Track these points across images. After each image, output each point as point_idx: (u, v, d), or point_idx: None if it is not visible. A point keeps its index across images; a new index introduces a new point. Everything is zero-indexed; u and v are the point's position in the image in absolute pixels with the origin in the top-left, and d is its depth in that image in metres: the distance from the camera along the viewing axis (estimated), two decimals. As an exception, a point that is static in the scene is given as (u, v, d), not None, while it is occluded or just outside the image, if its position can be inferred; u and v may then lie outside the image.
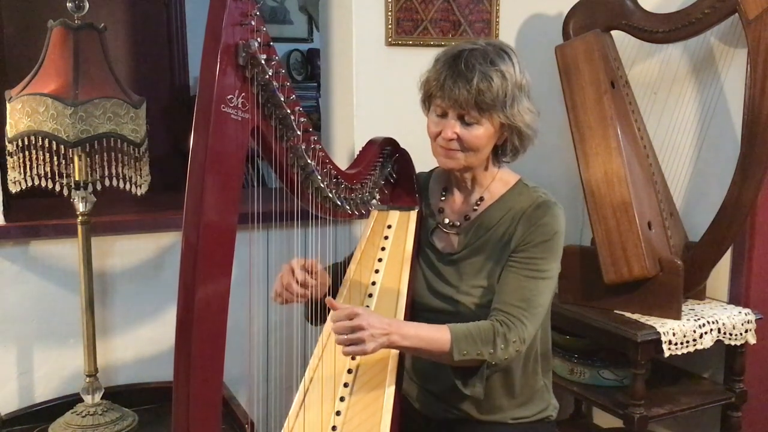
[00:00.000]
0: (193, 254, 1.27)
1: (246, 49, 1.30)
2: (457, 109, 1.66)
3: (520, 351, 1.64)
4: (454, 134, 1.67)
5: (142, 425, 1.98)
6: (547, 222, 1.68)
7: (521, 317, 1.63)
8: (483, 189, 1.79)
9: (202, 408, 1.33)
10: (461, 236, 1.78)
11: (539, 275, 1.67)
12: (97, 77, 1.84)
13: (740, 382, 2.31)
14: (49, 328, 2.12)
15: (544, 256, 1.67)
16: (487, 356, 1.59)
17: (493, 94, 1.62)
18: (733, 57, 2.32)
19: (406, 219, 1.84)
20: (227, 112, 1.28)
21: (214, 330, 1.31)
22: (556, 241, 1.69)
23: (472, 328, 1.61)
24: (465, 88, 1.62)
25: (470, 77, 1.62)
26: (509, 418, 1.78)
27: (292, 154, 1.52)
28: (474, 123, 1.66)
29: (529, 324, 1.64)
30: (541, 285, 1.67)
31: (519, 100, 1.66)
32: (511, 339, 1.60)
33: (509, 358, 1.62)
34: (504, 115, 1.65)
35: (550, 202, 1.71)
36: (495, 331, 1.60)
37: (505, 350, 1.60)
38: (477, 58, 1.64)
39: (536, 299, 1.66)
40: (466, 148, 1.68)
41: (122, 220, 2.19)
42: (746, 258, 2.38)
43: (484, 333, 1.60)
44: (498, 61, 1.65)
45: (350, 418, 1.57)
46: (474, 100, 1.62)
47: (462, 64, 1.63)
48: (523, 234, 1.68)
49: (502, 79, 1.63)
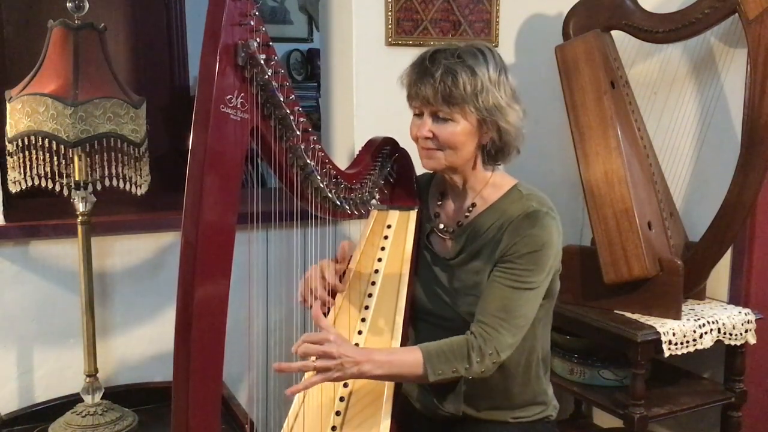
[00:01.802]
0: (192, 254, 1.27)
1: (245, 49, 1.30)
2: (428, 107, 1.65)
3: (497, 363, 1.60)
4: (429, 132, 1.66)
5: (142, 425, 1.98)
6: (534, 233, 1.63)
7: (498, 327, 1.60)
8: (475, 194, 1.75)
9: (202, 408, 1.33)
10: (454, 242, 1.77)
11: (523, 286, 1.62)
12: (97, 77, 1.84)
13: (740, 382, 2.31)
14: (49, 328, 2.12)
15: (530, 267, 1.62)
16: (462, 372, 1.57)
17: (460, 87, 1.60)
18: (733, 57, 2.32)
19: (405, 219, 1.84)
20: (226, 113, 1.28)
21: (213, 330, 1.31)
22: (544, 253, 1.63)
23: (445, 345, 1.58)
24: (429, 83, 1.61)
25: (434, 72, 1.61)
26: (509, 417, 1.77)
27: (291, 154, 1.51)
28: (448, 119, 1.64)
29: (507, 334, 1.60)
30: (524, 296, 1.62)
31: (494, 96, 1.63)
32: (487, 351, 1.58)
33: (486, 370, 1.59)
34: (475, 108, 1.62)
35: (540, 212, 1.65)
36: (469, 346, 1.58)
37: (481, 363, 1.57)
38: (445, 55, 1.63)
39: (517, 310, 1.62)
40: (444, 146, 1.66)
41: (122, 220, 2.19)
42: (746, 258, 2.38)
43: (457, 349, 1.58)
44: (467, 58, 1.63)
45: (350, 419, 1.57)
46: (440, 95, 1.61)
47: (428, 61, 1.63)
48: (508, 244, 1.64)
49: (471, 74, 1.61)
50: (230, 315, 1.34)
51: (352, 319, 1.72)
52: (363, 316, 1.72)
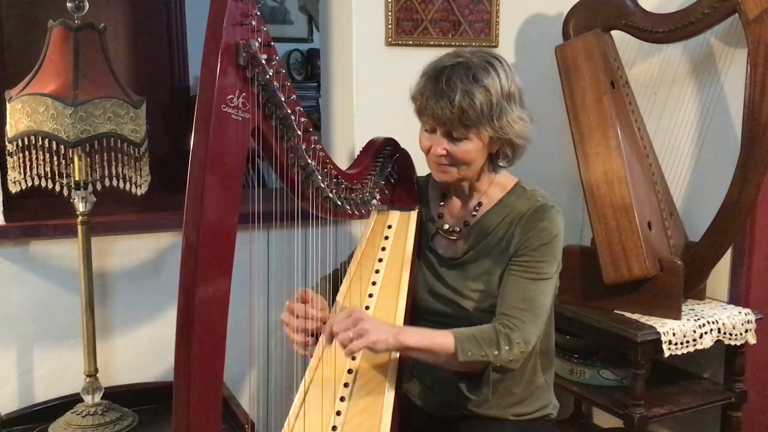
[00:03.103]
0: (193, 254, 1.27)
1: (246, 49, 1.29)
2: (442, 127, 1.66)
3: (525, 352, 1.63)
4: (444, 150, 1.68)
5: (142, 425, 1.98)
6: (545, 227, 1.69)
7: (523, 318, 1.64)
8: (480, 194, 1.80)
9: (203, 408, 1.32)
10: (462, 241, 1.79)
11: (540, 277, 1.68)
12: (97, 77, 1.84)
13: (740, 382, 2.31)
14: (49, 328, 2.12)
15: (544, 259, 1.68)
16: (492, 358, 1.59)
17: (477, 110, 1.61)
18: (733, 57, 2.32)
19: (406, 219, 1.84)
20: (228, 112, 1.28)
21: (214, 330, 1.31)
22: (555, 244, 1.70)
23: (475, 331, 1.61)
24: (447, 108, 1.62)
25: (452, 96, 1.61)
26: (510, 414, 1.78)
27: (292, 154, 1.51)
28: (462, 138, 1.66)
29: (532, 325, 1.64)
30: (542, 286, 1.68)
31: (507, 111, 1.65)
32: (515, 340, 1.61)
33: (514, 359, 1.61)
34: (491, 128, 1.65)
35: (547, 206, 1.72)
36: (498, 333, 1.61)
37: (510, 351, 1.60)
38: (459, 74, 1.62)
39: (538, 300, 1.67)
40: (458, 162, 1.69)
41: (122, 220, 2.19)
42: (746, 258, 2.38)
43: (486, 335, 1.60)
44: (481, 76, 1.63)
45: (350, 418, 1.57)
46: (458, 119, 1.62)
47: (443, 83, 1.62)
48: (522, 239, 1.69)
49: (486, 93, 1.62)
50: (231, 315, 1.34)
51: (352, 319, 1.71)
52: (363, 316, 1.72)
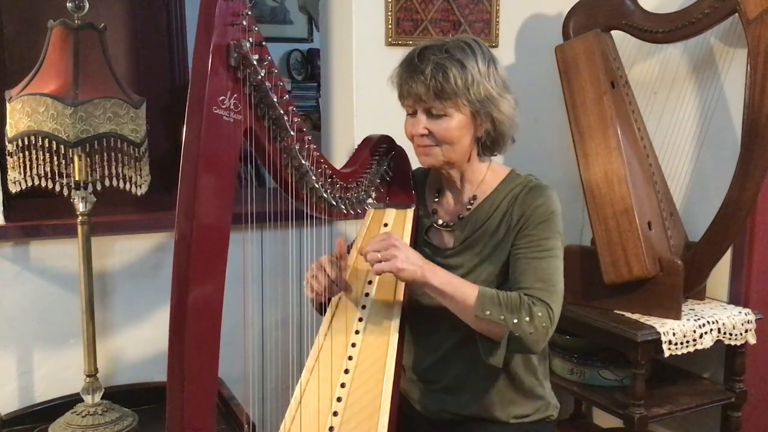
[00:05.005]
0: (186, 255, 1.27)
1: (238, 49, 1.28)
2: (421, 104, 1.66)
3: (547, 328, 1.59)
4: (425, 129, 1.67)
5: (142, 425, 1.98)
6: (542, 203, 1.68)
7: (542, 297, 1.60)
8: (474, 187, 1.77)
9: (197, 407, 1.32)
10: (456, 233, 1.78)
11: (548, 254, 1.66)
12: (97, 77, 1.84)
13: (740, 382, 2.31)
14: (49, 328, 2.12)
15: (547, 235, 1.67)
16: (510, 325, 1.56)
17: (451, 81, 1.61)
18: (733, 57, 2.31)
19: (402, 217, 1.83)
20: (219, 114, 1.26)
21: (208, 330, 1.31)
22: (554, 220, 1.68)
23: (500, 293, 1.59)
24: (420, 80, 1.62)
25: (424, 69, 1.61)
26: (510, 417, 1.77)
27: (286, 154, 1.50)
28: (442, 115, 1.65)
29: (553, 304, 1.61)
30: (552, 263, 1.65)
31: (485, 87, 1.64)
32: (537, 313, 1.57)
33: (534, 332, 1.56)
34: (468, 101, 1.63)
35: (541, 185, 1.72)
36: (521, 302, 1.58)
37: (530, 323, 1.56)
38: (433, 51, 1.64)
39: (553, 277, 1.64)
40: (440, 141, 1.68)
41: (122, 220, 2.20)
42: (746, 258, 2.38)
43: (511, 300, 1.58)
44: (455, 52, 1.63)
45: (348, 419, 1.57)
46: (432, 91, 1.62)
47: (416, 59, 1.64)
48: (521, 217, 1.68)
49: (461, 68, 1.61)
50: (227, 315, 1.34)
51: (349, 319, 1.71)
52: (360, 315, 1.71)
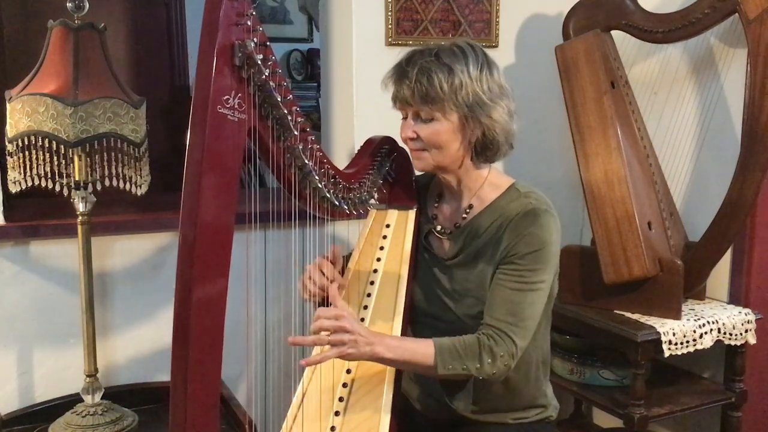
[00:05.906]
0: (189, 254, 1.27)
1: (242, 49, 1.29)
2: (409, 108, 1.66)
3: (509, 366, 1.59)
4: (413, 133, 1.67)
5: (142, 425, 1.98)
6: (533, 232, 1.61)
7: (509, 332, 1.58)
8: (472, 195, 1.74)
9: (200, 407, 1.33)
10: (452, 242, 1.76)
11: (527, 287, 1.61)
12: (97, 77, 1.84)
13: (740, 382, 2.31)
14: (49, 328, 2.12)
15: (533, 267, 1.61)
16: (473, 371, 1.56)
17: (435, 85, 1.59)
18: (733, 57, 2.32)
19: (404, 218, 1.83)
20: (223, 113, 1.27)
21: (211, 330, 1.31)
22: (545, 252, 1.62)
23: (457, 342, 1.58)
24: (406, 84, 1.62)
25: (409, 72, 1.61)
26: (509, 418, 1.77)
27: (289, 154, 1.51)
28: (430, 119, 1.64)
29: (518, 338, 1.59)
30: (529, 297, 1.61)
31: (474, 92, 1.61)
32: (499, 353, 1.57)
33: (497, 372, 1.58)
34: (455, 105, 1.61)
35: (539, 209, 1.63)
36: (481, 346, 1.56)
37: (492, 365, 1.56)
38: (423, 55, 1.63)
39: (524, 312, 1.60)
40: (428, 145, 1.66)
41: (122, 220, 2.19)
42: (746, 258, 2.38)
43: (469, 347, 1.57)
44: (445, 56, 1.62)
45: (349, 419, 1.57)
46: (417, 95, 1.61)
47: (405, 63, 1.64)
48: (509, 244, 1.62)
49: (448, 72, 1.60)
50: (229, 315, 1.34)
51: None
52: (362, 315, 1.72)
